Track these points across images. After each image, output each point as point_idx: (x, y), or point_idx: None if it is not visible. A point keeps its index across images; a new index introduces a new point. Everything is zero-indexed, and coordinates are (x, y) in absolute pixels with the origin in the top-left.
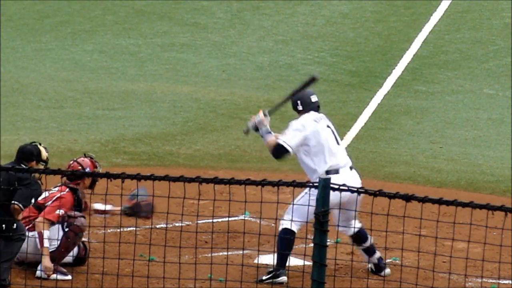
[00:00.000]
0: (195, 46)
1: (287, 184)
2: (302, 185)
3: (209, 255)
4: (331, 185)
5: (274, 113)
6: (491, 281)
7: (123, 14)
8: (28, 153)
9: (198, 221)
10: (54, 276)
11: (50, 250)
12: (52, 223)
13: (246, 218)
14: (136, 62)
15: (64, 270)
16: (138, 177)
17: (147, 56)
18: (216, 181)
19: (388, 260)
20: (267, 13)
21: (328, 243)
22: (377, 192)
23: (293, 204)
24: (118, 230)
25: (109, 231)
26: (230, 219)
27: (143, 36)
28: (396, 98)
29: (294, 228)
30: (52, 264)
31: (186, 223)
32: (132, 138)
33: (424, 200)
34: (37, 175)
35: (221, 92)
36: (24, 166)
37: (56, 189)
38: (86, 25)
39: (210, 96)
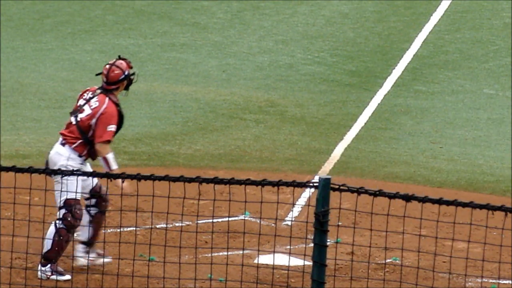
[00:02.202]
0: (195, 46)
1: (287, 184)
2: (302, 185)
3: (209, 255)
4: (331, 185)
5: None
6: (491, 281)
7: (123, 14)
8: None
9: (198, 221)
10: (53, 277)
11: (45, 251)
12: (109, 142)
13: (246, 218)
14: (136, 62)
15: (62, 270)
16: (138, 177)
17: (147, 56)
18: (216, 181)
19: (388, 260)
20: (267, 13)
21: (328, 243)
22: (377, 192)
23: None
24: (118, 230)
25: (109, 231)
26: (230, 219)
27: (143, 36)
28: (396, 98)
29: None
30: (50, 264)
31: (186, 223)
32: (132, 138)
33: (424, 200)
34: None
35: (221, 92)
36: None
37: (96, 100)
38: (86, 25)
39: (210, 96)
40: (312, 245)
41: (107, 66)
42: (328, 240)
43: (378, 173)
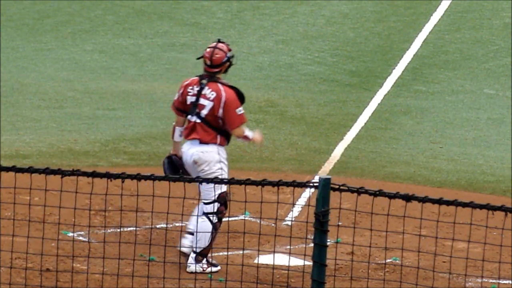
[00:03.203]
0: (195, 46)
1: (287, 184)
2: (302, 185)
3: (209, 255)
4: (332, 185)
5: None
6: (491, 281)
7: (123, 14)
8: None
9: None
10: (209, 269)
11: (198, 250)
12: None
13: (246, 218)
14: (136, 62)
15: (215, 261)
16: (138, 177)
17: (147, 56)
18: (216, 181)
19: (388, 260)
20: (267, 13)
21: (328, 243)
22: (377, 192)
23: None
24: (118, 230)
25: (109, 231)
26: (230, 219)
27: (143, 36)
28: (396, 98)
29: None
30: (205, 259)
31: (186, 223)
32: (132, 138)
33: (424, 200)
34: None
35: None
36: None
37: (210, 91)
38: (86, 25)
39: None
40: (312, 245)
41: (209, 50)
42: (328, 240)
43: (378, 173)
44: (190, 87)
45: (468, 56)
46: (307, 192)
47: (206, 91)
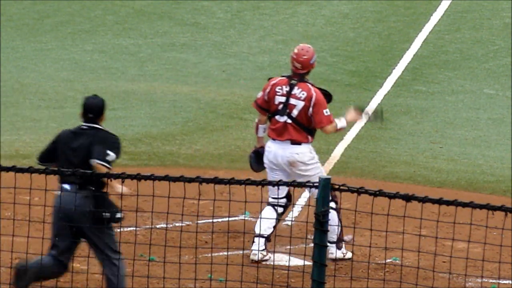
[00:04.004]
0: (195, 46)
1: (287, 184)
2: (302, 185)
3: (209, 255)
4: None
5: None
6: (491, 281)
7: (123, 14)
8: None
9: (198, 221)
10: (348, 255)
11: (336, 238)
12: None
13: (246, 218)
14: (136, 62)
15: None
16: (138, 177)
17: (147, 56)
18: (216, 181)
19: (388, 260)
20: (267, 13)
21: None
22: (377, 192)
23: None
24: (118, 230)
25: None
26: (230, 219)
27: (143, 36)
28: (396, 98)
29: None
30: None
31: (186, 223)
32: (132, 138)
33: (424, 200)
34: None
35: (221, 92)
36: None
37: (301, 91)
38: (86, 25)
39: (210, 96)
40: (312, 245)
41: (297, 51)
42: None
43: (378, 173)
44: (279, 87)
45: (468, 56)
46: (307, 192)
47: (296, 91)
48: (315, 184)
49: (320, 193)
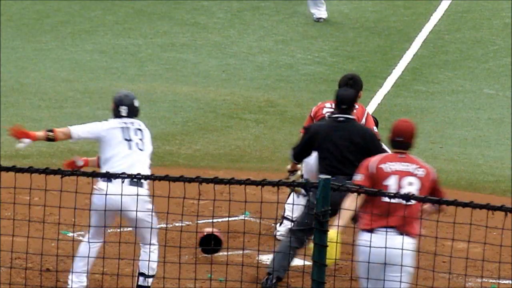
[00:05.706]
0: (195, 46)
1: (287, 184)
2: (302, 185)
3: (209, 255)
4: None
5: None
6: (491, 281)
7: (123, 14)
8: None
9: (198, 221)
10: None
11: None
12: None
13: (246, 218)
14: (136, 62)
15: None
16: (138, 177)
17: (147, 56)
18: (216, 181)
19: None
20: (267, 13)
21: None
22: (377, 192)
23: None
24: (118, 230)
25: (109, 231)
26: (230, 219)
27: (143, 36)
28: (396, 98)
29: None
30: None
31: (186, 223)
32: None
33: (424, 200)
34: None
35: (221, 92)
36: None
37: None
38: (86, 25)
39: (210, 96)
40: (312, 245)
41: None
42: None
43: None
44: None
45: (468, 56)
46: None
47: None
48: (315, 184)
49: (320, 193)
